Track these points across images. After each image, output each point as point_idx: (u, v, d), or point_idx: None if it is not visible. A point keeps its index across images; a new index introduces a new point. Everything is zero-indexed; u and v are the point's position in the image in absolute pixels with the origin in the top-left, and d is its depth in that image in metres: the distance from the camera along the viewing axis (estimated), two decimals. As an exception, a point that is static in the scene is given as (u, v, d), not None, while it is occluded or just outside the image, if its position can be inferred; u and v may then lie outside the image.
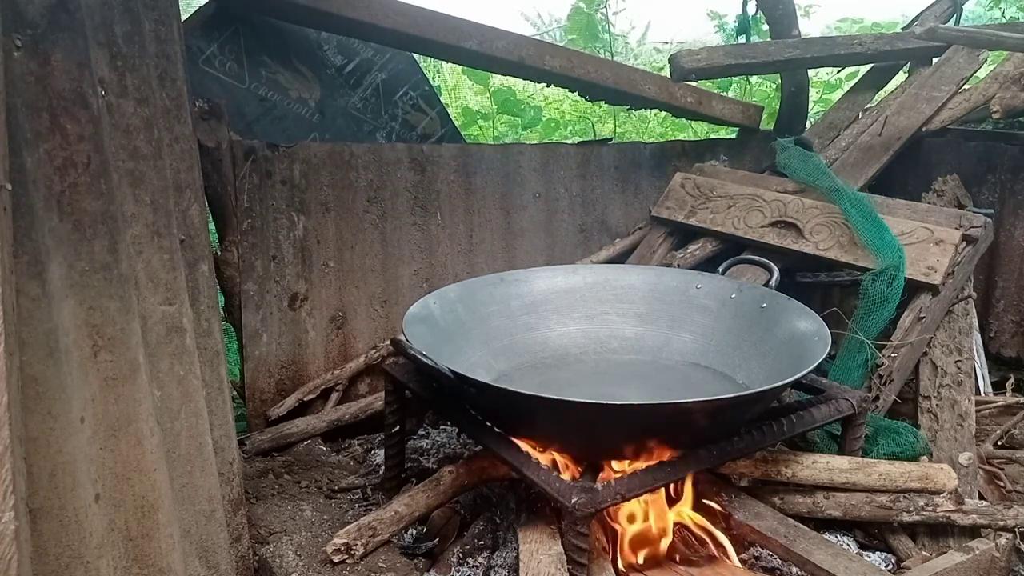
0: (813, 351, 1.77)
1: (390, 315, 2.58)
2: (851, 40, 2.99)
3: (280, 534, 1.88)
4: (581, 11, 5.25)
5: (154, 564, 1.40)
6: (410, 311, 1.96)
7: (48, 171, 1.23)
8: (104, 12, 1.35)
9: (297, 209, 2.39)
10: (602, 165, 2.89)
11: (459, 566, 1.73)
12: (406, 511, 1.82)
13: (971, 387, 2.20)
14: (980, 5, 5.65)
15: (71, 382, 1.24)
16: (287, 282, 2.40)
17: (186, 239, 1.55)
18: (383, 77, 2.79)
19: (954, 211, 2.41)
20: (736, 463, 1.82)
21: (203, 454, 1.55)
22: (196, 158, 1.59)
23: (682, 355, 2.17)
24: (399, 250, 2.57)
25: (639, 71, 2.99)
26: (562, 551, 1.57)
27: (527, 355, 2.18)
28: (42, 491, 1.20)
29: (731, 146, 3.15)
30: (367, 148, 2.50)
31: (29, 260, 1.18)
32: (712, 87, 3.89)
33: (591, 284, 2.31)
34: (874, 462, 1.85)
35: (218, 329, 1.64)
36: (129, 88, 1.40)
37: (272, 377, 2.42)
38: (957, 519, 1.77)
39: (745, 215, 2.62)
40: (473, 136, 4.45)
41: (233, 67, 2.52)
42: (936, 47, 2.95)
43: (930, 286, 2.24)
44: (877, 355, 2.18)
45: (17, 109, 1.18)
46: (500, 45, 2.62)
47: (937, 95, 2.87)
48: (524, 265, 2.71)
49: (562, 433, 1.72)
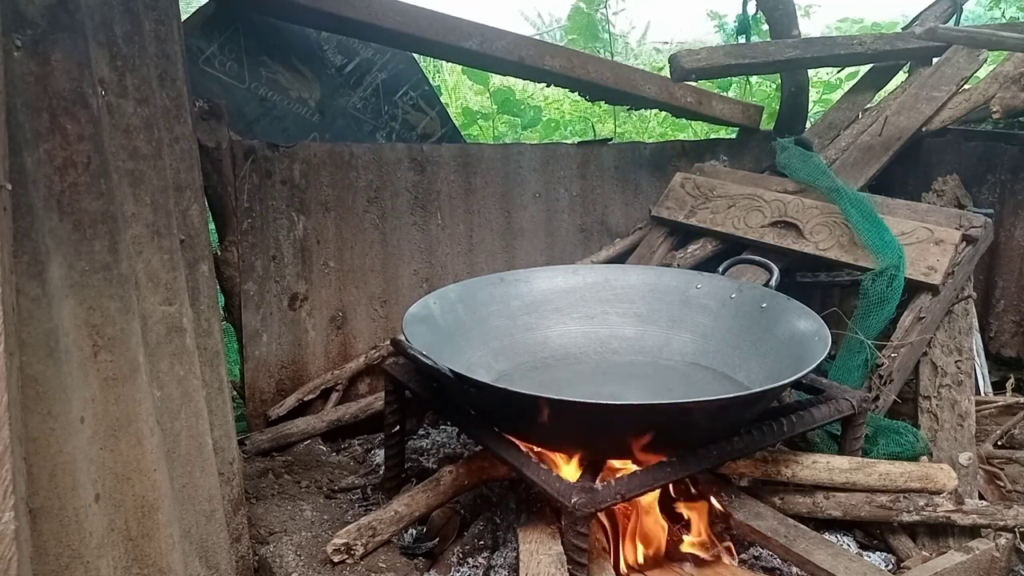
0: (813, 351, 1.77)
1: (390, 315, 2.58)
2: (851, 40, 2.99)
3: (280, 534, 1.88)
4: (581, 11, 5.25)
5: (154, 564, 1.40)
6: (410, 311, 1.96)
7: (48, 171, 1.23)
8: (104, 12, 1.35)
9: (297, 209, 2.39)
10: (602, 165, 2.89)
11: (459, 566, 1.73)
12: (406, 511, 1.82)
13: (971, 387, 2.20)
14: (980, 5, 5.65)
15: (71, 382, 1.24)
16: (287, 282, 2.40)
17: (186, 239, 1.55)
18: (383, 77, 2.79)
19: (954, 211, 2.41)
20: (736, 463, 1.82)
21: (203, 454, 1.55)
22: (196, 158, 1.59)
23: (682, 355, 2.17)
24: (399, 250, 2.57)
25: (639, 71, 2.99)
26: (562, 551, 1.57)
27: (527, 355, 2.18)
28: (42, 491, 1.20)
29: (731, 146, 3.15)
30: (367, 148, 2.50)
31: (29, 260, 1.18)
32: (712, 87, 3.89)
33: (591, 284, 2.31)
34: (874, 462, 1.85)
35: (218, 329, 1.65)
36: (129, 88, 1.40)
37: (272, 377, 2.42)
38: (957, 519, 1.77)
39: (745, 215, 2.62)
40: (473, 136, 4.44)
41: (233, 67, 2.52)
42: (936, 47, 2.95)
43: (930, 286, 2.24)
44: (877, 355, 2.18)
45: (17, 109, 1.18)
46: (500, 45, 2.62)
47: (937, 95, 2.87)
48: (524, 265, 2.71)
49: (562, 433, 1.72)
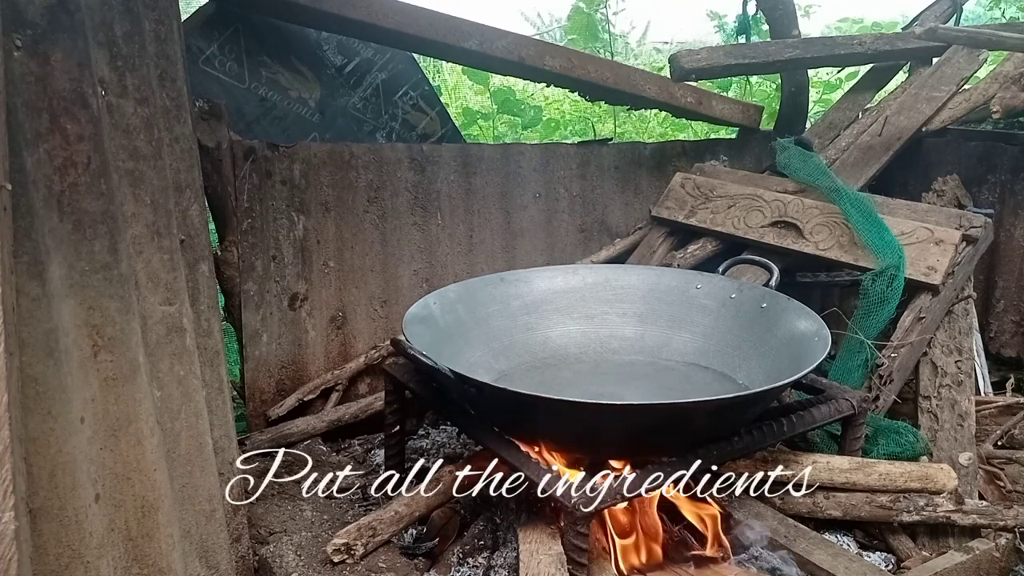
0: (813, 351, 1.77)
1: (390, 315, 2.58)
2: (851, 40, 2.99)
3: (280, 534, 1.88)
4: (581, 11, 5.25)
5: (154, 564, 1.40)
6: (410, 311, 1.96)
7: (48, 171, 1.23)
8: (104, 12, 1.35)
9: (297, 209, 2.39)
10: (602, 165, 2.89)
11: (459, 566, 1.73)
12: (406, 511, 1.82)
13: (971, 387, 2.20)
14: (980, 5, 5.64)
15: (71, 382, 1.24)
16: (287, 282, 2.40)
17: (186, 239, 1.55)
18: (383, 77, 2.79)
19: (954, 211, 2.41)
20: (736, 463, 1.82)
21: (203, 454, 1.55)
22: (196, 158, 1.59)
23: (682, 355, 2.17)
24: (399, 250, 2.57)
25: (639, 71, 2.99)
26: (562, 551, 1.57)
27: (527, 355, 2.18)
28: (42, 491, 1.20)
29: (731, 146, 3.15)
30: (367, 148, 2.50)
31: (29, 260, 1.18)
32: (712, 87, 3.89)
33: (591, 284, 2.31)
34: (874, 462, 1.85)
35: (218, 329, 1.65)
36: (129, 88, 1.40)
37: (272, 377, 2.42)
38: (957, 519, 1.77)
39: (745, 215, 2.62)
40: (473, 136, 4.44)
41: (233, 67, 2.52)
42: (936, 47, 2.95)
43: (930, 286, 2.24)
44: (877, 355, 2.18)
45: (17, 109, 1.18)
46: (500, 45, 2.62)
47: (937, 95, 2.87)
48: (524, 265, 2.71)
49: (562, 433, 1.72)
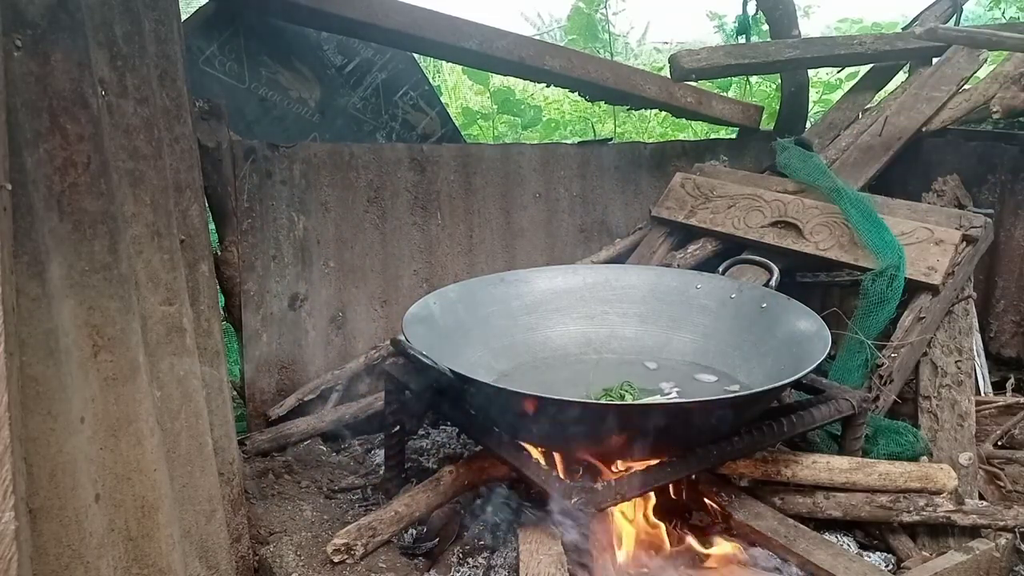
0: (813, 351, 1.77)
1: (390, 315, 2.57)
2: (851, 40, 3.00)
3: (280, 534, 1.88)
4: (581, 11, 5.25)
5: (154, 564, 1.40)
6: (410, 311, 1.96)
7: (48, 171, 1.23)
8: (104, 12, 1.35)
9: (297, 209, 2.39)
10: (602, 165, 2.89)
11: (459, 566, 1.73)
12: (406, 511, 1.82)
13: (971, 387, 2.20)
14: (980, 5, 5.64)
15: (71, 382, 1.24)
16: (287, 282, 2.40)
17: (186, 239, 1.55)
18: (383, 77, 2.79)
19: (954, 211, 2.41)
20: (736, 463, 1.82)
21: (203, 454, 1.55)
22: (196, 158, 1.59)
23: (682, 355, 2.17)
24: (399, 250, 2.57)
25: (639, 71, 2.99)
26: (562, 551, 1.57)
27: (527, 355, 2.18)
28: (42, 491, 1.20)
29: (731, 146, 3.15)
30: (367, 148, 2.50)
31: (29, 260, 1.18)
32: (712, 87, 3.89)
33: (591, 284, 2.31)
34: (874, 462, 1.85)
35: (218, 329, 1.65)
36: (129, 88, 1.40)
37: (272, 377, 2.42)
38: (957, 519, 1.77)
39: (745, 215, 2.62)
40: (473, 136, 4.44)
41: (233, 67, 2.52)
42: (936, 47, 2.95)
43: (930, 286, 2.24)
44: (877, 355, 2.17)
45: (17, 109, 1.18)
46: (500, 45, 2.62)
47: (937, 95, 2.87)
48: (524, 265, 2.71)
49: (562, 433, 1.71)
